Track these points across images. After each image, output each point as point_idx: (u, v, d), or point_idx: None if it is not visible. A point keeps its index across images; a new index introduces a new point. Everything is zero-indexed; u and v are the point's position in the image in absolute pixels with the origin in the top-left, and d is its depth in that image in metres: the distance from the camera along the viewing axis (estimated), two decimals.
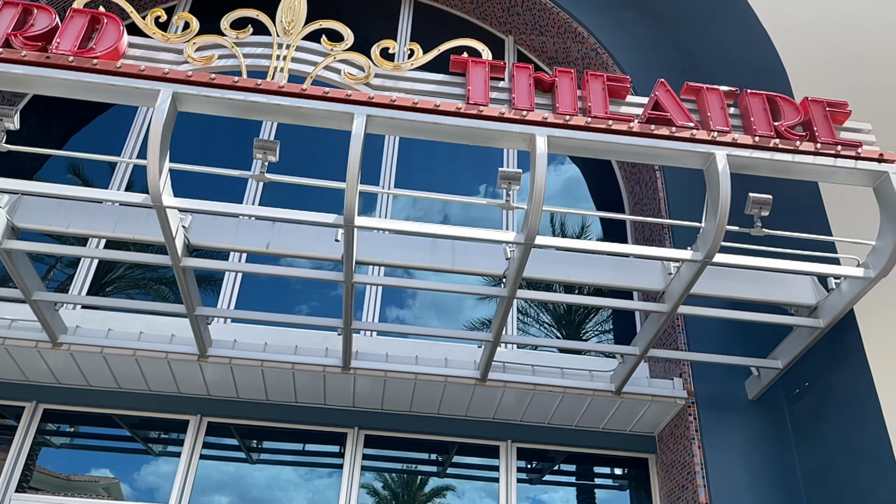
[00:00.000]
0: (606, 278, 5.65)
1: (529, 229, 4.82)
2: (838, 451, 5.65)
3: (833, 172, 5.05)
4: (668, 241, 7.43)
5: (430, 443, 7.21)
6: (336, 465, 6.95)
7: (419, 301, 7.94)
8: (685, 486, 6.39)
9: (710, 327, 6.79)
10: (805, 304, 5.68)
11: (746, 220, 5.37)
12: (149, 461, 6.84)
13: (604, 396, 6.55)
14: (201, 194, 4.95)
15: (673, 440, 6.77)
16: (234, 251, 6.43)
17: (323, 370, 6.35)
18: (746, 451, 6.29)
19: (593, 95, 5.03)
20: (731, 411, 6.49)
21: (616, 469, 7.43)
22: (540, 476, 7.25)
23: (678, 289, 5.36)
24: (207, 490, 6.69)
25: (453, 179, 8.83)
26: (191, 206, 4.82)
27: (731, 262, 5.13)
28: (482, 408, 6.91)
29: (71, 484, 6.61)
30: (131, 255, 5.87)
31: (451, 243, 5.55)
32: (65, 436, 6.91)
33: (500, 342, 5.98)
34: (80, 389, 6.76)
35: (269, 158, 4.75)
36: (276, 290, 7.70)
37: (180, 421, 6.91)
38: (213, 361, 6.27)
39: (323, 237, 5.44)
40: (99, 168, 8.13)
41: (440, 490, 7.10)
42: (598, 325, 8.13)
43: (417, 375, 6.42)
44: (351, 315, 5.69)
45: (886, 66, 7.23)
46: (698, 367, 6.70)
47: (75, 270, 7.40)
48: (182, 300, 5.58)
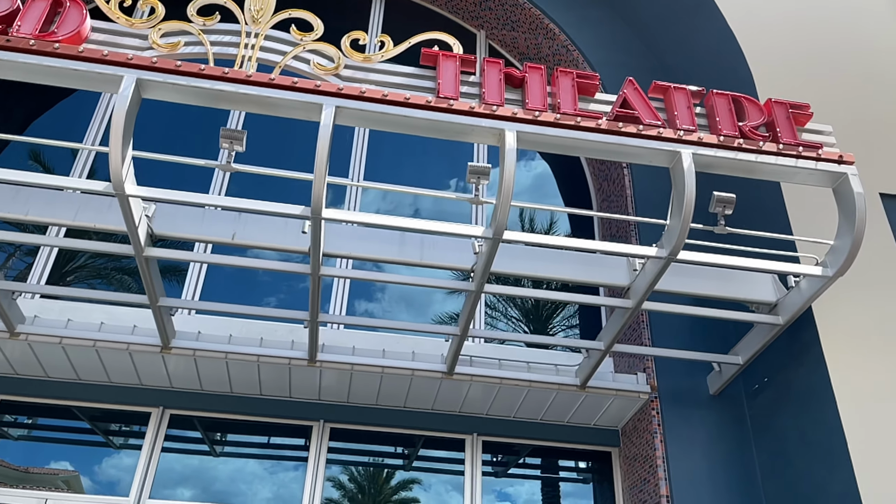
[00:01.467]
0: (573, 274, 5.70)
1: (498, 224, 4.84)
2: (795, 446, 5.79)
3: (794, 173, 5.16)
4: (634, 238, 7.52)
5: (397, 436, 7.21)
6: (301, 458, 6.91)
7: (387, 294, 7.92)
8: (647, 479, 6.50)
9: (674, 323, 6.90)
10: (765, 301, 5.80)
11: (711, 218, 5.47)
12: (110, 454, 6.72)
13: (569, 390, 6.62)
14: (166, 184, 4.86)
15: (636, 434, 6.87)
16: (199, 241, 6.33)
17: (289, 363, 6.30)
18: (707, 444, 6.41)
19: (563, 92, 5.06)
20: (693, 406, 6.61)
21: (580, 462, 7.52)
22: (505, 469, 7.30)
23: (643, 285, 5.44)
24: (170, 483, 6.60)
25: (423, 173, 8.82)
26: (154, 194, 4.74)
27: (695, 259, 5.21)
28: (449, 401, 6.93)
29: (29, 476, 6.48)
30: (92, 244, 5.74)
31: (419, 237, 5.55)
32: (23, 427, 6.75)
33: (468, 336, 6.00)
34: (39, 381, 6.61)
35: (235, 148, 4.69)
36: (242, 281, 7.62)
37: (142, 413, 6.81)
38: (177, 353, 6.18)
39: (290, 229, 5.39)
40: (60, 155, 7.94)
41: (406, 483, 7.11)
42: (565, 321, 8.21)
43: (384, 369, 6.42)
44: (318, 308, 5.66)
45: (848, 69, 7.40)
46: (662, 362, 6.80)
47: (34, 259, 7.23)
48: (145, 291, 5.49)
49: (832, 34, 7.69)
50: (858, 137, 6.61)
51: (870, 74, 7.41)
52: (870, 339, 5.68)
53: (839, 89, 7.14)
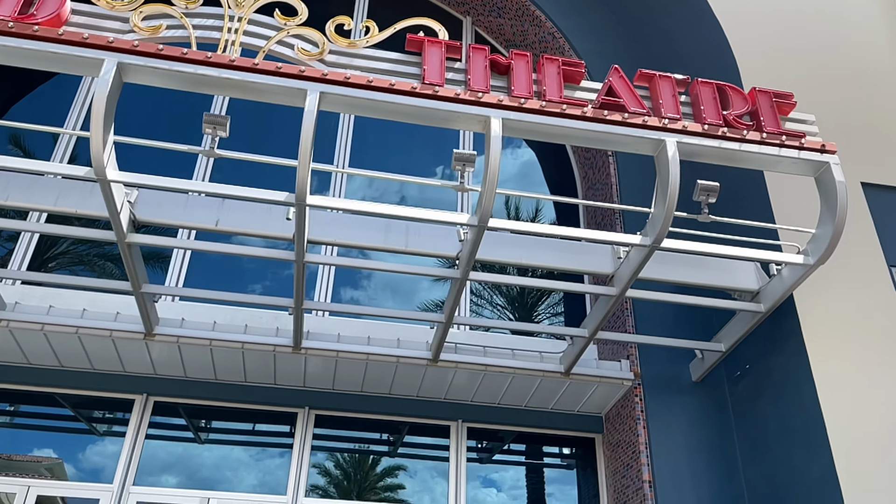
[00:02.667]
0: (558, 261, 5.72)
1: (483, 211, 4.84)
2: (775, 432, 5.87)
3: (777, 161, 5.20)
4: (619, 226, 7.55)
5: (382, 423, 7.23)
6: (286, 445, 6.92)
7: (373, 282, 7.91)
8: (630, 464, 6.56)
9: (657, 311, 6.95)
10: (748, 289, 5.85)
11: (694, 206, 5.50)
12: (93, 441, 6.69)
13: (553, 377, 6.66)
14: (149, 170, 4.82)
15: (619, 420, 6.93)
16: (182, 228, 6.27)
17: (273, 350, 6.29)
18: (689, 430, 6.48)
19: (548, 79, 5.05)
20: (676, 392, 6.68)
21: (564, 448, 7.58)
22: (490, 455, 7.35)
23: (627, 273, 5.47)
24: (154, 470, 6.59)
25: (408, 160, 8.79)
26: (136, 180, 4.69)
27: (679, 247, 5.24)
28: (434, 388, 6.95)
29: (12, 464, 6.43)
30: (74, 230, 5.69)
31: (405, 224, 5.54)
32: (4, 415, 6.70)
33: (453, 323, 6.02)
34: (20, 367, 6.56)
35: (218, 134, 4.65)
36: (226, 268, 7.57)
37: (125, 400, 6.78)
38: (160, 340, 6.15)
39: (274, 215, 5.37)
40: (41, 139, 7.83)
41: (391, 469, 7.14)
42: (550, 308, 8.24)
43: (369, 356, 6.42)
44: (302, 295, 5.64)
45: (832, 60, 7.45)
46: (645, 349, 6.86)
47: (15, 245, 7.15)
48: (128, 277, 5.45)
49: (817, 26, 7.73)
50: (841, 127, 6.67)
51: (853, 65, 7.47)
52: (850, 327, 5.76)
53: (823, 79, 7.18)
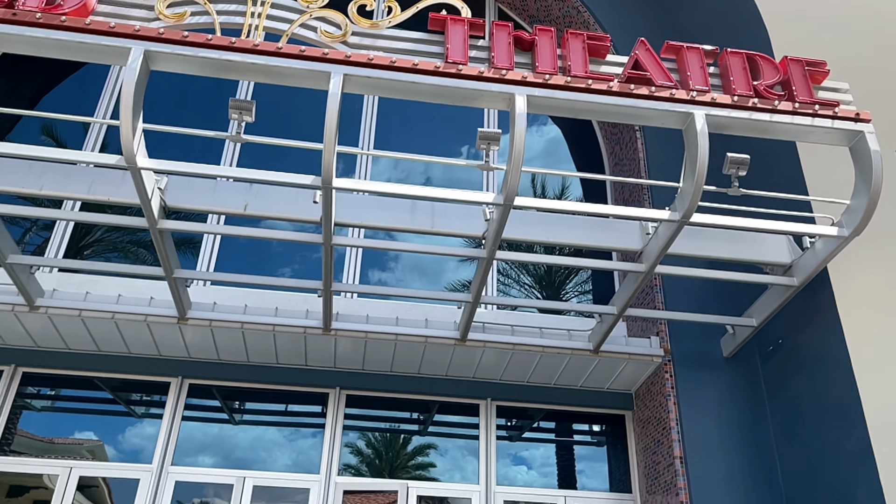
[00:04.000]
0: (585, 239, 5.68)
1: (509, 190, 4.82)
2: (809, 406, 5.80)
3: (810, 132, 5.08)
4: (647, 202, 7.47)
5: (412, 402, 7.30)
6: (318, 425, 7.02)
7: (400, 264, 7.95)
8: (661, 440, 6.55)
9: (687, 286, 6.89)
10: (780, 262, 5.76)
11: (724, 179, 5.41)
12: (132, 423, 6.86)
13: (582, 355, 6.65)
14: (177, 156, 4.88)
15: (649, 397, 6.91)
16: (212, 213, 6.37)
17: (304, 332, 6.37)
18: (720, 406, 6.44)
19: (573, 54, 4.99)
20: (706, 368, 6.62)
21: (594, 425, 7.59)
22: (519, 433, 7.39)
23: (656, 249, 5.41)
24: (191, 451, 6.74)
25: (433, 141, 8.77)
26: (166, 167, 4.75)
27: (708, 221, 5.17)
28: (462, 367, 6.99)
29: (54, 447, 6.63)
30: (107, 217, 5.80)
31: (430, 205, 5.54)
32: (45, 399, 6.90)
33: (480, 303, 6.03)
34: (60, 353, 6.74)
35: (244, 119, 4.68)
36: (255, 252, 7.67)
37: (161, 383, 6.93)
38: (193, 324, 6.26)
39: (302, 199, 5.40)
40: (72, 129, 7.96)
41: (422, 448, 7.21)
42: (578, 286, 8.21)
43: (398, 336, 6.47)
44: (331, 277, 5.69)
45: (865, 26, 7.23)
46: (675, 325, 6.80)
47: (51, 234, 7.31)
48: (160, 263, 5.54)
49: None
50: (875, 95, 6.47)
51: (887, 31, 7.24)
52: (886, 300, 5.65)
53: (856, 46, 6.98)
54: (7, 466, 6.38)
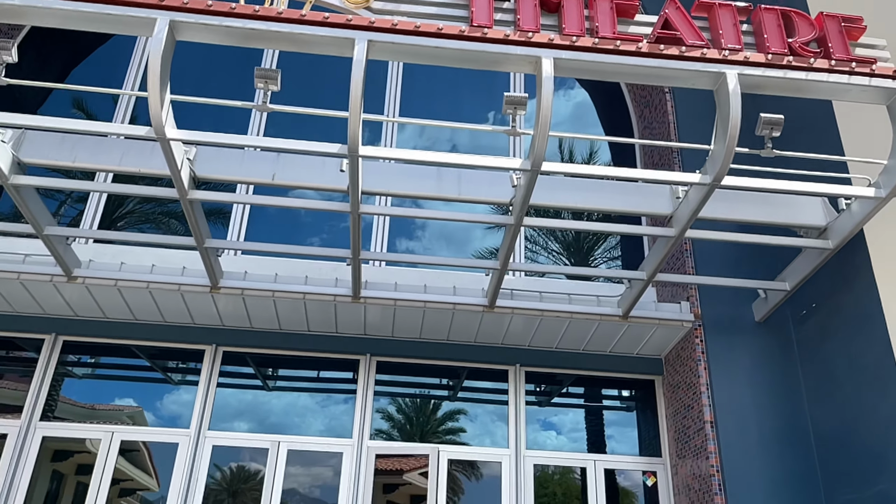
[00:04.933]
0: (614, 204, 5.62)
1: (536, 155, 4.77)
2: (843, 370, 5.73)
3: (846, 90, 4.93)
4: (677, 166, 7.35)
5: (441, 368, 7.37)
6: (350, 391, 7.14)
7: (427, 232, 7.96)
8: (691, 405, 6.54)
9: (718, 251, 6.80)
10: (814, 225, 5.65)
11: (756, 141, 5.29)
12: (169, 390, 7.05)
13: (611, 321, 6.64)
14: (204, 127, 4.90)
15: (679, 362, 6.88)
16: (240, 183, 6.43)
17: (333, 299, 6.44)
18: (752, 370, 6.40)
19: (601, 15, 4.87)
20: (738, 333, 6.57)
21: (623, 391, 7.60)
22: (549, 398, 7.43)
23: (686, 213, 5.34)
24: (227, 417, 6.91)
25: (459, 107, 8.70)
26: (195, 137, 4.79)
27: (740, 184, 5.07)
28: (491, 334, 7.02)
29: (96, 413, 6.84)
30: (139, 188, 5.88)
31: (457, 172, 5.52)
32: (86, 366, 7.11)
33: (508, 270, 6.02)
34: (98, 321, 6.92)
35: (270, 88, 4.69)
36: (285, 222, 7.74)
37: (196, 350, 7.09)
38: (226, 292, 6.37)
39: (328, 168, 5.41)
40: (102, 101, 8.06)
41: (452, 413, 7.30)
42: (607, 252, 8.15)
43: (426, 303, 6.51)
44: (359, 245, 5.73)
45: None
46: (705, 290, 6.74)
47: (85, 206, 7.45)
48: (192, 233, 5.63)
49: None
50: None
51: None
52: None
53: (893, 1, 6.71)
54: (52, 432, 6.61)
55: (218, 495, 6.58)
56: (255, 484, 6.61)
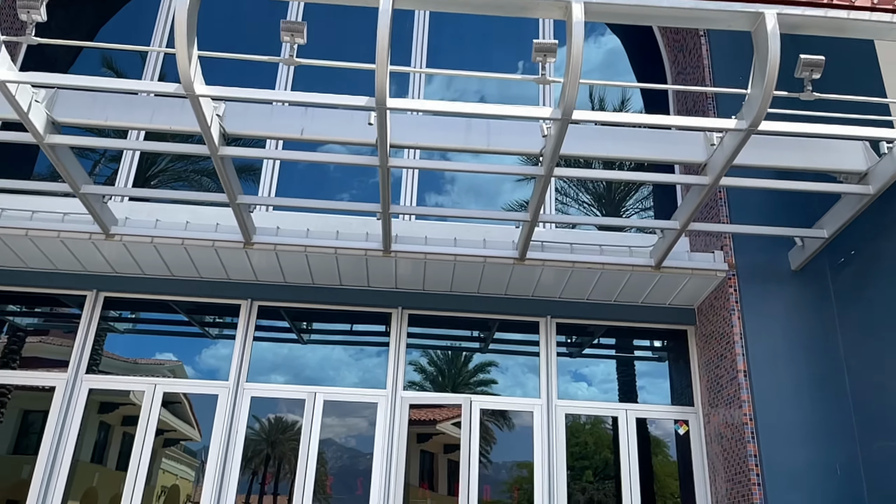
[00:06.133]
0: (647, 152, 5.52)
1: (566, 104, 4.68)
2: (882, 319, 5.63)
3: (890, 29, 4.71)
4: (711, 112, 7.17)
5: (472, 320, 7.43)
6: (383, 344, 7.25)
7: (456, 186, 7.93)
8: (724, 355, 6.51)
9: (754, 199, 6.67)
10: (855, 170, 5.49)
11: (795, 84, 5.11)
12: (207, 344, 7.23)
13: (643, 271, 6.59)
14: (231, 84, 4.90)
15: (712, 312, 6.83)
16: (269, 138, 6.45)
17: (365, 254, 6.49)
18: (787, 320, 6.33)
19: None
20: (773, 282, 6.48)
21: (655, 341, 7.59)
22: (580, 350, 7.46)
23: (721, 160, 5.23)
24: (263, 370, 7.08)
25: (487, 58, 8.55)
26: (223, 93, 4.79)
27: (778, 129, 4.93)
28: (521, 286, 7.03)
29: (138, 367, 7.07)
30: (171, 145, 5.94)
31: (485, 123, 5.46)
32: (127, 321, 7.31)
33: (538, 221, 5.99)
34: (136, 278, 7.09)
35: (296, 41, 4.65)
36: (314, 179, 7.77)
37: (232, 305, 7.24)
38: (259, 248, 6.46)
39: (357, 122, 5.39)
40: (131, 60, 8.09)
41: (483, 366, 7.38)
42: (638, 203, 8.05)
43: (457, 257, 6.53)
44: (388, 199, 5.73)
45: None
46: (740, 239, 6.64)
47: (118, 165, 7.55)
48: (224, 190, 5.68)
49: None
50: None
51: None
52: None
53: None
54: (98, 384, 6.86)
55: (257, 445, 6.79)
56: (293, 434, 6.80)
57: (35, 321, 7.29)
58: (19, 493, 6.39)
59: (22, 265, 7.01)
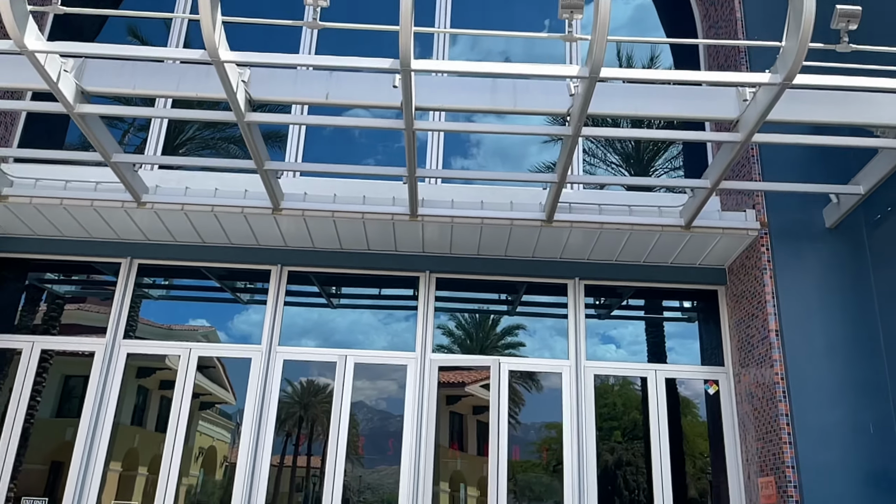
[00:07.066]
0: (676, 109, 5.40)
1: (594, 61, 4.59)
2: None
3: None
4: (744, 67, 6.99)
5: (500, 283, 7.44)
6: (411, 308, 7.31)
7: (482, 150, 7.87)
8: (755, 314, 6.45)
9: (787, 155, 6.52)
10: (893, 124, 5.32)
11: (830, 36, 4.95)
12: (239, 310, 7.36)
13: (673, 231, 6.52)
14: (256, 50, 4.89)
15: (743, 271, 6.75)
16: (295, 103, 6.44)
17: (392, 218, 6.51)
18: (820, 278, 6.23)
19: None
20: (807, 240, 6.37)
21: (685, 302, 7.54)
22: (608, 311, 7.44)
23: (754, 115, 5.10)
24: (294, 335, 7.20)
25: (511, 17, 8.40)
26: (248, 59, 4.78)
27: (813, 82, 4.79)
28: (549, 248, 7.01)
29: (172, 332, 7.23)
30: (198, 112, 5.98)
31: (511, 83, 5.38)
32: (161, 288, 7.46)
33: (566, 183, 5.93)
34: (169, 245, 7.21)
35: (319, 4, 4.61)
36: (340, 145, 7.77)
37: (263, 271, 7.34)
38: (287, 214, 6.51)
39: (381, 85, 5.35)
40: (155, 28, 8.10)
41: (511, 328, 7.41)
42: (668, 162, 7.92)
43: (483, 220, 6.51)
44: (414, 162, 5.71)
45: None
46: (773, 197, 6.52)
47: (147, 134, 7.63)
48: (251, 157, 5.71)
49: None
50: None
51: None
52: None
53: None
54: (135, 349, 7.04)
55: (290, 408, 6.94)
56: (325, 397, 6.93)
57: (73, 289, 7.48)
58: (64, 454, 6.64)
59: (58, 234, 7.16)
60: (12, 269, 7.39)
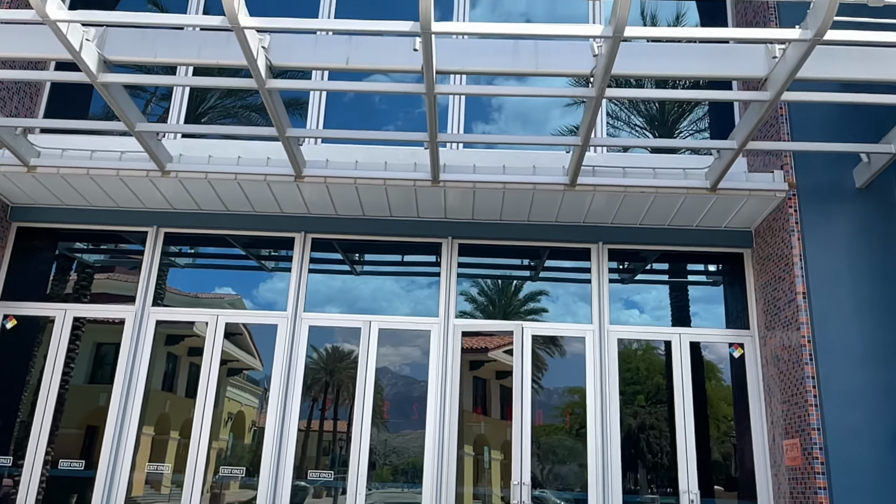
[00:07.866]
0: (703, 68, 5.28)
1: (618, 20, 4.49)
2: None
3: None
4: (773, 23, 6.80)
5: (522, 249, 7.42)
6: (434, 274, 7.33)
7: (504, 114, 7.79)
8: (782, 277, 6.38)
9: (816, 114, 6.37)
10: None
11: None
12: (264, 278, 7.44)
13: (698, 194, 6.43)
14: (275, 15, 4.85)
15: (770, 234, 6.66)
16: (315, 69, 6.40)
17: (413, 184, 6.49)
18: (850, 240, 6.13)
19: None
20: (836, 201, 6.26)
21: (710, 265, 7.47)
22: (632, 276, 7.40)
23: (783, 73, 4.97)
24: (318, 303, 7.27)
25: None
26: (268, 24, 4.76)
27: (845, 38, 4.65)
28: (572, 212, 6.96)
29: (199, 301, 7.34)
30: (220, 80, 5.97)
31: (533, 44, 5.29)
32: (187, 256, 7.56)
33: (589, 146, 5.86)
34: (194, 213, 7.28)
35: None
36: (361, 111, 7.73)
37: (287, 238, 7.39)
38: (309, 181, 6.53)
39: (402, 49, 5.29)
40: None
41: (534, 294, 7.40)
42: (693, 124, 7.78)
43: (506, 185, 6.47)
44: (436, 127, 5.68)
45: None
46: (801, 157, 6.39)
47: (169, 103, 7.65)
48: (273, 124, 5.71)
49: None
50: None
51: None
52: None
53: None
54: (164, 316, 7.17)
55: (316, 374, 7.04)
56: (350, 363, 7.02)
57: (101, 258, 7.61)
58: (98, 418, 6.82)
59: (85, 203, 7.26)
60: (43, 238, 7.53)
